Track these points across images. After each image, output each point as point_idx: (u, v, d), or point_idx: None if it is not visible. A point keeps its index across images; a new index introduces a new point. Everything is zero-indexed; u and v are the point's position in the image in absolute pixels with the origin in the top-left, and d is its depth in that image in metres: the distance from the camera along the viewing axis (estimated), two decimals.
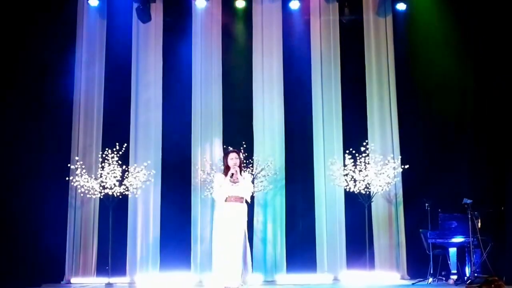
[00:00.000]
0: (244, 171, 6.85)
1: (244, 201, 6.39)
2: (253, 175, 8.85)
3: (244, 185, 6.35)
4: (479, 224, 8.31)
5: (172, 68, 9.75)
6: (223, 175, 6.44)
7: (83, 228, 9.29)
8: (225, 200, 6.34)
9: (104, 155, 8.94)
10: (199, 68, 9.69)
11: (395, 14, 9.72)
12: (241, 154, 6.59)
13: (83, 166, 8.96)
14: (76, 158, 9.09)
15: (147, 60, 9.73)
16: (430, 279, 8.49)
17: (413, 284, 8.49)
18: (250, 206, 7.11)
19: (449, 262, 8.48)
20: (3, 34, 8.94)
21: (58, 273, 9.15)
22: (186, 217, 9.32)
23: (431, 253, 8.51)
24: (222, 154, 9.23)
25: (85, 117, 9.54)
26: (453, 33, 9.42)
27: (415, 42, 9.55)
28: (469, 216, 8.14)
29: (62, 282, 9.12)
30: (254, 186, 6.86)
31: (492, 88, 9.19)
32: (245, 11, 9.80)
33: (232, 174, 6.31)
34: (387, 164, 8.93)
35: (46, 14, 9.26)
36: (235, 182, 6.33)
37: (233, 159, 6.37)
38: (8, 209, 8.82)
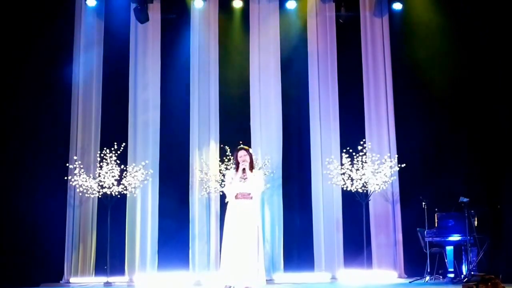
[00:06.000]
0: (255, 168, 6.88)
1: (252, 198, 6.36)
2: None
3: (252, 182, 6.33)
4: (476, 223, 8.34)
5: (170, 68, 9.78)
6: (233, 172, 6.47)
7: (82, 228, 9.31)
8: (235, 197, 6.35)
9: (102, 155, 8.98)
10: (197, 68, 9.71)
11: (392, 13, 9.77)
12: (251, 151, 6.57)
13: (82, 166, 9.00)
14: (75, 157, 9.12)
15: (145, 60, 9.76)
16: (427, 278, 8.51)
17: (410, 282, 8.51)
18: None
19: (446, 260, 8.51)
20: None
21: (57, 273, 9.18)
22: (184, 217, 9.34)
23: (428, 252, 8.53)
24: (219, 154, 9.32)
25: (83, 116, 9.56)
26: (449, 32, 9.47)
27: (412, 42, 9.60)
28: (466, 214, 8.17)
29: (60, 282, 9.14)
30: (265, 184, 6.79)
31: (488, 87, 9.23)
32: (242, 11, 9.85)
33: (244, 169, 6.32)
34: (384, 163, 8.96)
35: (44, 14, 9.31)
36: (244, 179, 6.34)
37: (242, 156, 6.40)
38: (7, 209, 8.87)
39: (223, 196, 8.59)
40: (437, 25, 9.51)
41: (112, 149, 8.94)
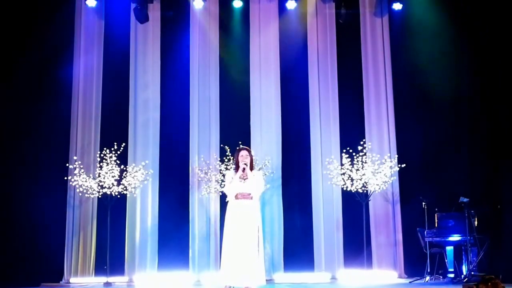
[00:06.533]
0: (255, 169, 6.88)
1: (252, 198, 6.36)
2: None
3: (252, 182, 6.34)
4: (476, 223, 8.34)
5: (170, 68, 9.78)
6: (233, 172, 6.48)
7: (82, 228, 9.30)
8: (235, 197, 6.36)
9: (102, 155, 8.98)
10: (197, 68, 9.72)
11: (392, 13, 9.78)
12: (252, 151, 6.58)
13: (82, 166, 8.99)
14: (75, 157, 9.11)
15: (145, 60, 9.75)
16: (427, 278, 8.52)
17: (410, 282, 8.52)
18: None
19: (446, 260, 8.52)
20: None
21: (57, 273, 9.16)
22: (184, 217, 9.34)
23: (428, 252, 8.53)
24: (219, 154, 9.32)
25: (83, 117, 9.56)
26: (449, 32, 9.47)
27: (412, 42, 9.59)
28: (466, 214, 8.17)
29: (60, 282, 9.14)
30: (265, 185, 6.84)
31: (488, 87, 9.24)
32: (243, 11, 9.85)
33: (244, 169, 6.33)
34: (384, 163, 8.96)
35: (44, 14, 9.31)
36: (244, 179, 6.35)
37: (243, 156, 6.39)
38: (7, 209, 8.87)
39: (223, 196, 8.60)
40: (437, 25, 9.51)
41: (112, 149, 8.93)
